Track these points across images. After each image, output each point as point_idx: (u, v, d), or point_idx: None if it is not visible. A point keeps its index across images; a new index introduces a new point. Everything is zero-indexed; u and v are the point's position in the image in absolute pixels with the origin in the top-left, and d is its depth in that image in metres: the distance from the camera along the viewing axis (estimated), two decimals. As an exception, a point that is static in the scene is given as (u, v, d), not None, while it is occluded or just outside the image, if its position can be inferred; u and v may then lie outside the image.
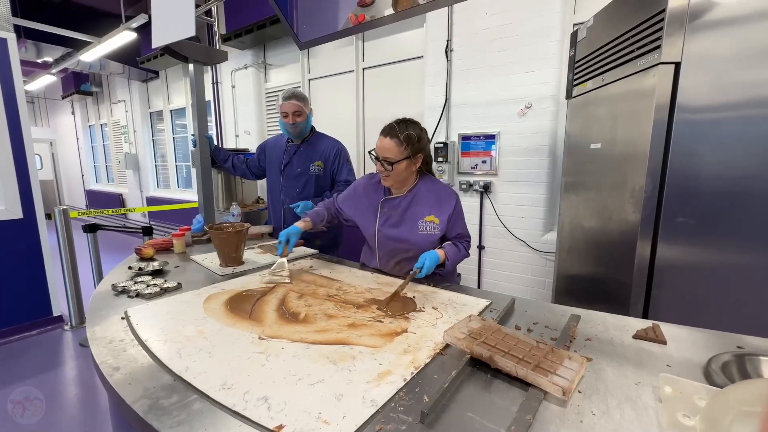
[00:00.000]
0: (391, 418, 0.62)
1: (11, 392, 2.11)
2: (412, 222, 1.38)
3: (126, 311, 1.04)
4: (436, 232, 1.37)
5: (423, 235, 1.37)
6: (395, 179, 1.36)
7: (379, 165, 1.33)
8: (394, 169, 1.31)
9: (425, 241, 1.37)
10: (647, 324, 0.96)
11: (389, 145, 1.29)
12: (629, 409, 0.64)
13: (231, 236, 1.46)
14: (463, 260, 1.45)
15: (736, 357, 0.77)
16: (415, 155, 1.33)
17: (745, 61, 1.13)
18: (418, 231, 1.37)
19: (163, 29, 1.96)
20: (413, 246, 1.38)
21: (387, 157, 1.30)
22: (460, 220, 1.42)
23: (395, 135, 1.29)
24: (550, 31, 2.45)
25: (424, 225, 1.37)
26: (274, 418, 0.61)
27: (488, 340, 0.80)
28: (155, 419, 0.61)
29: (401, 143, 1.29)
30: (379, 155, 1.32)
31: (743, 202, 1.17)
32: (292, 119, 1.97)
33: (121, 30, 3.93)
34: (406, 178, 1.39)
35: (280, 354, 0.81)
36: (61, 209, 2.86)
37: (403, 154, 1.29)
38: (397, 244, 1.41)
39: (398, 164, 1.30)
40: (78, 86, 7.08)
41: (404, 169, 1.33)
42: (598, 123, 1.64)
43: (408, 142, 1.29)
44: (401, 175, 1.35)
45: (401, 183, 1.40)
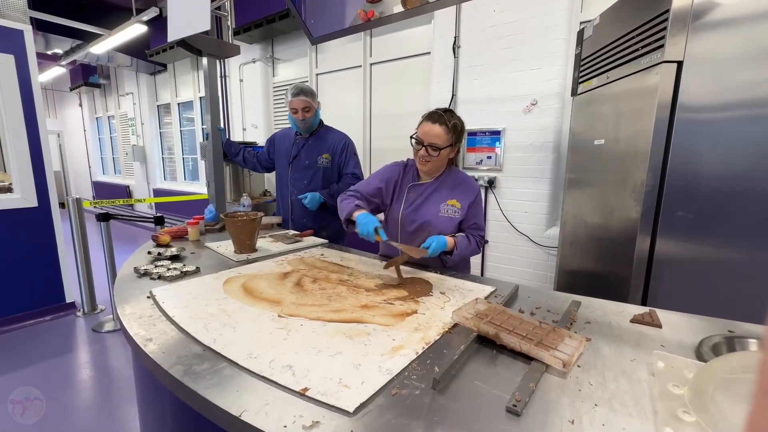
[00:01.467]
0: (405, 385, 0.67)
1: (26, 375, 2.19)
2: (435, 206, 1.44)
3: (151, 291, 1.10)
4: (456, 216, 1.42)
5: (444, 217, 1.43)
6: (435, 165, 1.41)
7: (423, 150, 1.36)
8: (440, 154, 1.36)
9: (446, 224, 1.42)
10: (644, 310, 1.02)
11: (438, 131, 1.33)
12: (624, 382, 0.70)
13: (246, 224, 1.52)
14: (472, 255, 1.48)
15: (726, 339, 0.83)
16: (456, 144, 1.41)
17: (745, 62, 1.18)
18: (440, 213, 1.43)
19: (179, 23, 2.02)
20: (434, 228, 1.43)
21: (434, 143, 1.34)
22: (479, 211, 1.47)
23: (444, 122, 1.34)
24: (556, 29, 2.49)
25: (446, 208, 1.43)
26: (299, 382, 0.67)
27: (494, 320, 0.86)
28: (191, 382, 0.67)
29: (449, 131, 1.34)
30: (425, 141, 1.35)
31: (740, 200, 1.22)
32: (301, 115, 2.01)
33: (132, 23, 3.99)
34: (442, 166, 1.46)
35: (300, 330, 0.87)
36: (75, 198, 2.93)
37: (449, 141, 1.36)
38: (419, 226, 1.45)
39: (443, 150, 1.36)
40: (86, 78, 7.14)
41: (446, 156, 1.41)
42: (602, 120, 1.69)
43: (454, 130, 1.36)
44: (443, 161, 1.43)
45: (437, 169, 1.46)
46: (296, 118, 2.03)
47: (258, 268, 1.35)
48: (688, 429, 0.55)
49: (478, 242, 1.46)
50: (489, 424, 0.58)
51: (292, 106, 2.01)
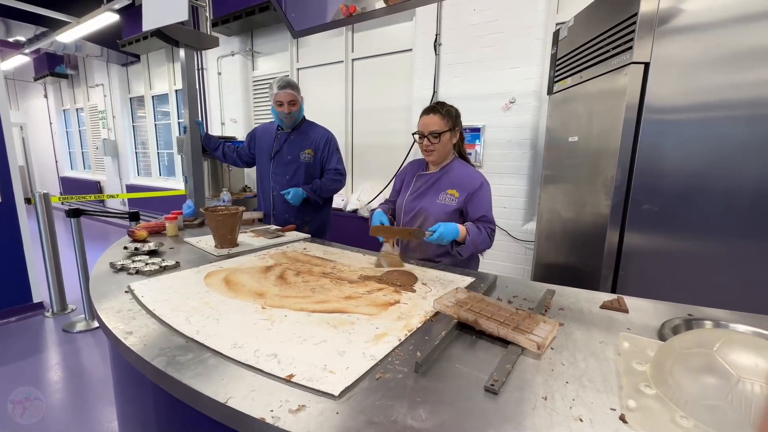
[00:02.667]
0: (389, 369, 0.70)
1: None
2: (435, 194, 1.50)
3: (129, 285, 1.08)
4: (453, 203, 1.45)
5: (440, 204, 1.47)
6: (440, 151, 1.48)
7: (425, 141, 1.46)
8: (441, 140, 1.44)
9: (440, 211, 1.46)
10: (613, 297, 1.08)
11: (434, 120, 1.45)
12: (593, 361, 0.74)
13: (227, 218, 1.50)
14: (484, 248, 1.45)
15: (686, 321, 0.89)
16: (454, 128, 1.48)
17: (705, 67, 1.26)
18: (437, 200, 1.48)
19: (154, 12, 1.96)
20: (429, 214, 1.48)
21: (433, 130, 1.44)
22: (484, 202, 1.46)
23: (438, 111, 1.46)
24: (534, 29, 2.56)
25: (444, 196, 1.48)
26: (284, 369, 0.68)
27: (473, 308, 0.89)
28: (175, 372, 0.67)
29: (444, 116, 1.45)
30: (424, 131, 1.46)
31: (699, 195, 1.31)
32: (287, 108, 2.00)
33: (102, 11, 3.82)
34: (447, 152, 1.52)
35: (284, 321, 0.88)
36: (42, 193, 2.80)
37: (446, 125, 1.45)
38: (416, 213, 1.51)
39: (443, 135, 1.45)
40: (52, 68, 6.78)
41: (448, 141, 1.48)
42: (576, 118, 1.76)
43: (449, 115, 1.46)
44: (446, 146, 1.49)
45: (444, 156, 1.52)
46: (281, 111, 2.01)
47: (240, 262, 1.34)
48: (649, 400, 0.60)
49: (488, 233, 1.44)
50: (468, 403, 0.61)
51: (278, 99, 1.99)
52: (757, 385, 0.52)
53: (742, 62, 1.21)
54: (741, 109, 1.23)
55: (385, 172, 3.53)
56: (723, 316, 0.94)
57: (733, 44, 1.21)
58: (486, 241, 1.43)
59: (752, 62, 1.20)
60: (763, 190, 1.22)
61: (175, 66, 5.37)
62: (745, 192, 1.25)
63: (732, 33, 1.21)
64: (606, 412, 0.59)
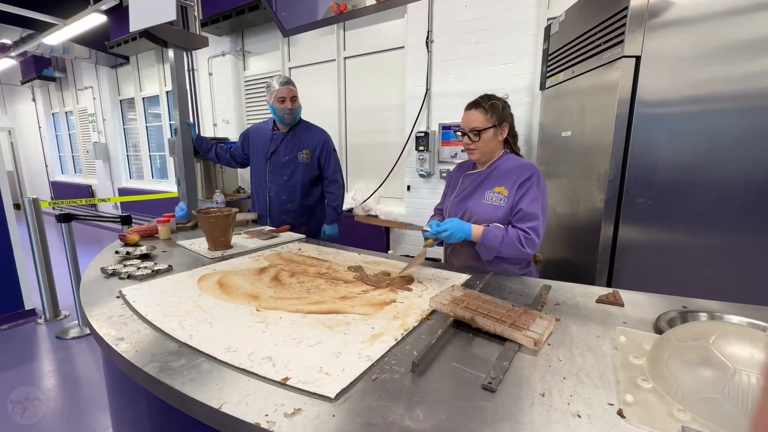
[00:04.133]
0: (385, 369, 0.69)
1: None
2: (481, 193, 1.36)
3: (120, 290, 1.06)
4: (503, 204, 1.29)
5: (487, 204, 1.32)
6: (483, 150, 1.35)
7: (466, 138, 1.35)
8: (482, 138, 1.32)
9: (489, 211, 1.31)
10: (609, 291, 1.08)
11: (475, 116, 1.32)
12: (590, 356, 0.74)
13: (220, 220, 1.48)
14: (513, 252, 1.23)
15: (681, 313, 0.90)
16: (500, 124, 1.33)
17: (695, 60, 1.26)
18: (483, 200, 1.34)
19: (142, 12, 1.93)
20: (475, 214, 1.34)
21: (474, 127, 1.32)
22: (527, 195, 1.27)
23: (480, 105, 1.33)
24: (525, 25, 2.56)
25: (491, 195, 1.32)
26: (279, 372, 0.67)
27: (470, 305, 0.89)
28: (168, 378, 0.66)
29: (486, 112, 1.32)
30: (465, 129, 1.35)
31: (691, 188, 1.32)
32: (290, 104, 1.99)
33: (89, 12, 3.76)
34: (493, 150, 1.37)
35: (279, 323, 0.87)
36: (31, 199, 2.76)
37: (489, 122, 1.31)
38: (463, 215, 1.37)
39: (485, 133, 1.31)
40: (39, 71, 6.68)
41: (491, 138, 1.33)
42: (569, 113, 1.76)
43: (492, 110, 1.32)
44: (488, 145, 1.34)
45: (488, 155, 1.37)
46: (284, 107, 1.99)
47: (234, 264, 1.33)
48: (646, 394, 0.60)
49: (520, 236, 1.22)
50: (466, 401, 0.60)
51: (280, 95, 1.97)
52: (753, 377, 0.52)
53: (732, 55, 1.21)
54: (731, 101, 1.23)
55: (379, 171, 3.52)
56: (717, 308, 0.94)
57: (722, 37, 1.22)
58: (513, 244, 1.22)
59: (741, 55, 1.20)
60: (753, 182, 1.23)
61: (165, 67, 5.31)
62: (736, 184, 1.25)
63: (721, 26, 1.22)
64: (604, 408, 0.59)
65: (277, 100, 1.99)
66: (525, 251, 1.23)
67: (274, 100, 2.00)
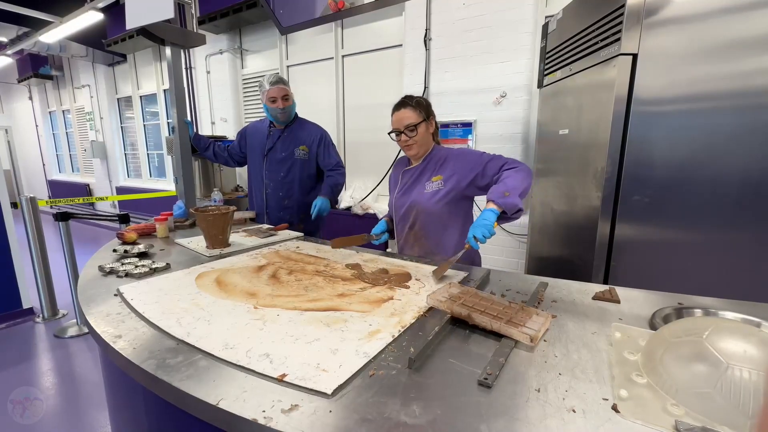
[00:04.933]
0: (382, 366, 0.69)
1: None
2: (422, 185, 1.46)
3: (118, 288, 1.06)
4: (441, 188, 1.41)
5: (428, 194, 1.43)
6: (420, 143, 1.44)
7: (403, 136, 1.43)
8: (418, 132, 1.42)
9: (430, 201, 1.42)
10: (605, 288, 1.09)
11: (406, 113, 1.42)
12: (586, 352, 0.75)
13: (218, 218, 1.48)
14: (527, 182, 1.25)
15: (676, 310, 0.90)
16: (428, 118, 1.45)
17: (691, 58, 1.27)
18: (425, 190, 1.45)
19: (139, 10, 1.92)
20: (417, 205, 1.45)
21: (409, 123, 1.41)
22: (474, 154, 1.40)
23: (408, 104, 1.43)
24: (523, 23, 2.56)
25: (430, 185, 1.44)
26: (276, 369, 0.67)
27: (466, 302, 0.89)
28: (165, 375, 0.66)
29: (415, 109, 1.42)
30: (400, 128, 1.43)
31: (687, 186, 1.32)
32: (281, 104, 1.99)
33: (86, 9, 3.74)
34: (427, 143, 1.48)
35: (276, 320, 0.87)
36: (29, 197, 2.75)
37: (420, 117, 1.42)
38: (407, 208, 1.49)
39: (419, 126, 1.42)
40: (36, 69, 6.64)
41: (425, 132, 1.44)
42: (566, 111, 1.76)
43: (419, 106, 1.43)
44: (424, 138, 1.44)
45: (424, 148, 1.47)
46: (275, 107, 2.00)
47: (232, 262, 1.33)
48: (640, 389, 0.60)
49: (516, 168, 1.29)
50: (462, 397, 0.61)
51: (271, 95, 1.98)
52: (745, 371, 0.53)
53: (728, 53, 1.22)
54: (727, 99, 1.24)
55: (377, 169, 3.51)
56: (712, 304, 0.95)
57: (718, 35, 1.22)
58: (523, 172, 1.27)
59: (737, 53, 1.21)
60: (748, 179, 1.24)
61: (162, 65, 5.29)
62: (732, 181, 1.26)
63: (716, 24, 1.22)
64: (598, 403, 0.59)
65: (268, 99, 2.00)
66: (526, 167, 1.31)
67: (266, 100, 2.01)
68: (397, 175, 1.60)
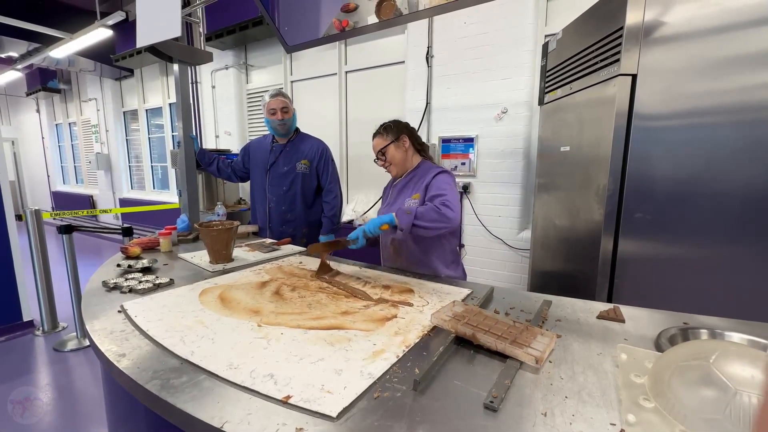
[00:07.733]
0: (387, 387, 0.69)
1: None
2: (402, 200, 1.53)
3: (122, 305, 1.06)
4: (415, 205, 1.41)
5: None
6: (395, 163, 1.55)
7: (380, 162, 1.57)
8: (387, 155, 1.54)
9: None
10: (609, 306, 1.08)
11: (376, 141, 1.56)
12: (591, 374, 0.74)
13: (222, 233, 1.49)
14: (433, 221, 1.26)
15: (681, 330, 0.90)
16: (398, 137, 1.53)
17: (689, 75, 1.29)
18: (404, 206, 1.47)
19: (148, 29, 1.97)
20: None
21: (379, 149, 1.55)
22: (438, 186, 1.39)
23: (378, 133, 1.57)
24: (523, 41, 2.61)
25: (408, 203, 1.49)
26: (281, 390, 0.67)
27: (471, 321, 0.89)
28: (170, 396, 0.66)
29: (382, 135, 1.55)
30: (376, 155, 1.57)
31: (690, 201, 1.33)
32: (280, 115, 2.03)
33: (96, 27, 3.83)
34: (404, 161, 1.56)
35: (280, 338, 0.87)
36: (33, 210, 2.77)
37: (387, 140, 1.53)
38: None
39: (387, 149, 1.53)
40: (44, 83, 6.77)
41: (395, 152, 1.53)
42: (567, 128, 1.78)
43: (386, 131, 1.55)
44: (396, 158, 1.54)
45: (401, 166, 1.56)
46: (275, 119, 2.04)
47: (235, 278, 1.33)
48: (648, 414, 0.60)
49: (436, 206, 1.29)
50: (468, 421, 0.60)
51: (271, 106, 2.03)
52: (754, 397, 0.52)
53: (724, 70, 1.24)
54: (725, 114, 1.25)
55: (379, 183, 3.52)
56: (718, 324, 0.94)
57: (715, 53, 1.24)
58: (430, 215, 1.26)
59: (735, 69, 1.23)
60: (751, 194, 1.24)
61: (169, 79, 5.38)
62: (733, 196, 1.26)
63: (713, 42, 1.24)
64: (606, 428, 0.58)
65: (268, 112, 2.04)
66: (443, 213, 1.28)
67: (267, 113, 2.05)
68: (387, 189, 1.70)
